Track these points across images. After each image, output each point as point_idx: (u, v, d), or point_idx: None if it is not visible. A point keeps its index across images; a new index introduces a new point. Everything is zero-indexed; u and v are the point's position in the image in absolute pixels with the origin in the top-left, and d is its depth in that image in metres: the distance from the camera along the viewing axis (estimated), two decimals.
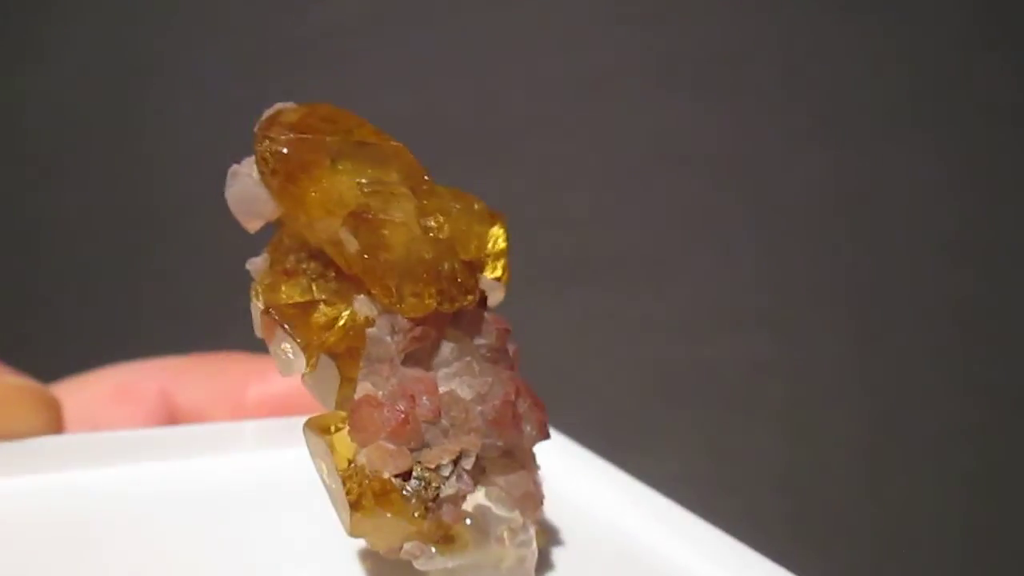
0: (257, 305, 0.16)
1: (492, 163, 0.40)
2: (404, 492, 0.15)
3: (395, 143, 0.16)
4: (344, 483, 0.15)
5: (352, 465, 0.15)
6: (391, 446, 0.15)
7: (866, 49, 0.46)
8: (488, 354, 0.16)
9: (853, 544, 0.32)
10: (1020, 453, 0.33)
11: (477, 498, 0.16)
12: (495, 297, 0.17)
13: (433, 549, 0.15)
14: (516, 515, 0.16)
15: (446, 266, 0.15)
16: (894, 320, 0.37)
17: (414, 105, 0.50)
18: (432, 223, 0.15)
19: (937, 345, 0.36)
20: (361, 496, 0.15)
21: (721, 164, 0.44)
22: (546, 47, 0.51)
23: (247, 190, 0.15)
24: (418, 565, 0.16)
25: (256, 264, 0.16)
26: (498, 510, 0.16)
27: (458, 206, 0.16)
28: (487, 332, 0.16)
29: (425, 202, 0.15)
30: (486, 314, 0.17)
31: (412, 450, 0.15)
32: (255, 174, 0.15)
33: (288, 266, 0.16)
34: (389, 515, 0.15)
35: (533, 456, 0.17)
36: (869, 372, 0.36)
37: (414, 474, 0.15)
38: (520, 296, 0.19)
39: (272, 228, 0.16)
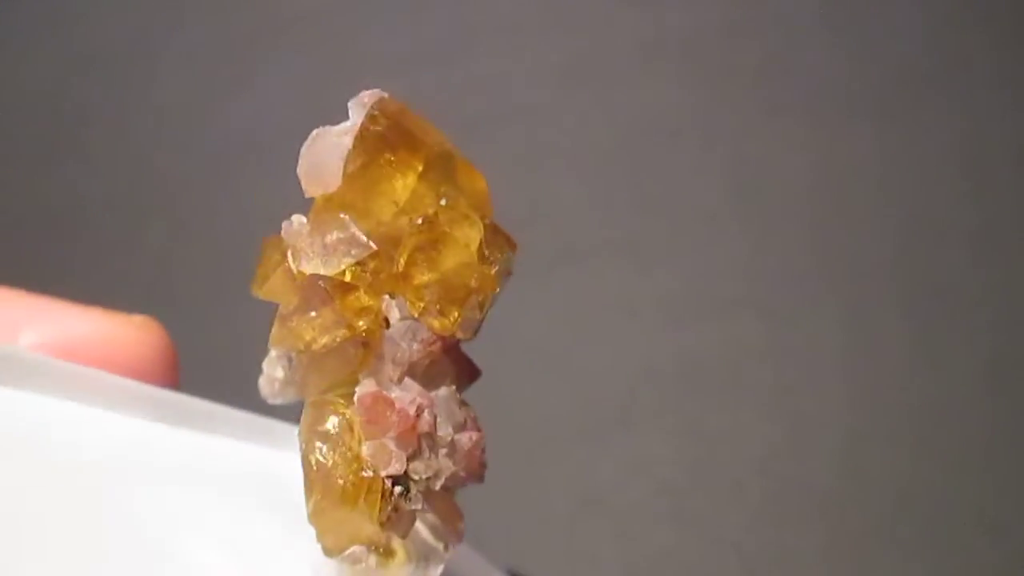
0: (289, 266, 0.15)
1: (475, 148, 0.40)
2: (390, 496, 0.15)
3: (477, 171, 0.16)
4: (341, 468, 0.15)
5: (353, 454, 0.15)
6: (393, 447, 0.15)
7: (851, 29, 0.47)
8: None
9: (835, 527, 0.33)
10: (1003, 435, 0.34)
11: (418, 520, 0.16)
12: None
13: (373, 558, 0.15)
14: (440, 547, 0.17)
15: (479, 300, 0.15)
16: (880, 304, 0.38)
17: (396, 90, 0.49)
18: (489, 256, 0.16)
19: (923, 329, 0.37)
20: (351, 486, 0.15)
21: (707, 147, 0.45)
22: (528, 31, 0.51)
23: (328, 157, 0.15)
24: (354, 570, 0.16)
25: (292, 227, 0.15)
26: (426, 537, 0.17)
27: (507, 254, 0.16)
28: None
29: (485, 236, 0.16)
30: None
31: (408, 458, 0.15)
32: (344, 143, 0.15)
33: (328, 241, 0.15)
34: (364, 512, 0.15)
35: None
36: (855, 357, 0.37)
37: (400, 482, 0.15)
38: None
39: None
